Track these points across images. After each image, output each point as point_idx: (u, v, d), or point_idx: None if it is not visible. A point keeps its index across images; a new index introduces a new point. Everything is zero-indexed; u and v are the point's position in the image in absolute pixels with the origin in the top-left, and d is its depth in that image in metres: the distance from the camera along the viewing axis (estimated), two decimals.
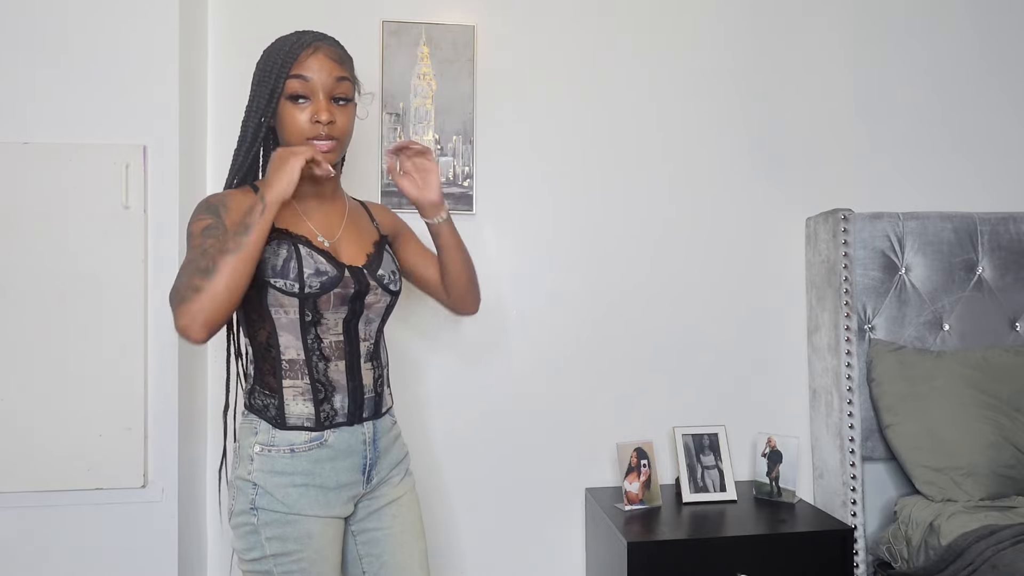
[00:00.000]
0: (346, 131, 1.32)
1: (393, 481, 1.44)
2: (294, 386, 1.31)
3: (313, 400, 1.31)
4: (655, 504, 1.97)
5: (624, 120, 2.19)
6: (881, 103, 2.31)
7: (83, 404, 1.70)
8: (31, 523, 1.70)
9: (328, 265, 1.29)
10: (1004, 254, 2.23)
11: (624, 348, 2.18)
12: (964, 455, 1.95)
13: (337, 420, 1.33)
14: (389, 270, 1.40)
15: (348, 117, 1.32)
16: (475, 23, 2.11)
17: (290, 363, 1.30)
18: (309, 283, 1.26)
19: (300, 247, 1.28)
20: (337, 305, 1.31)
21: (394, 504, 1.42)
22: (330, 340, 1.32)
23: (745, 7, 2.25)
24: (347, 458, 1.34)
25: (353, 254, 1.37)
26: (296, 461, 1.29)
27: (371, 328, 1.38)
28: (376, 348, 1.40)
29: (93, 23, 1.75)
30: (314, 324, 1.30)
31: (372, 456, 1.38)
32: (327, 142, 1.29)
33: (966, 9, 2.35)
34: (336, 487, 1.32)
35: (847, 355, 2.05)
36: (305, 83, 1.27)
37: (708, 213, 2.22)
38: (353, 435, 1.35)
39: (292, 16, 2.05)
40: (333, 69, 1.29)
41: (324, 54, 1.29)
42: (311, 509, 1.29)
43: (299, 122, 1.28)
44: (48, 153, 1.71)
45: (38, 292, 1.69)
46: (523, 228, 2.15)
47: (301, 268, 1.26)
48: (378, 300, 1.37)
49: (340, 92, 1.30)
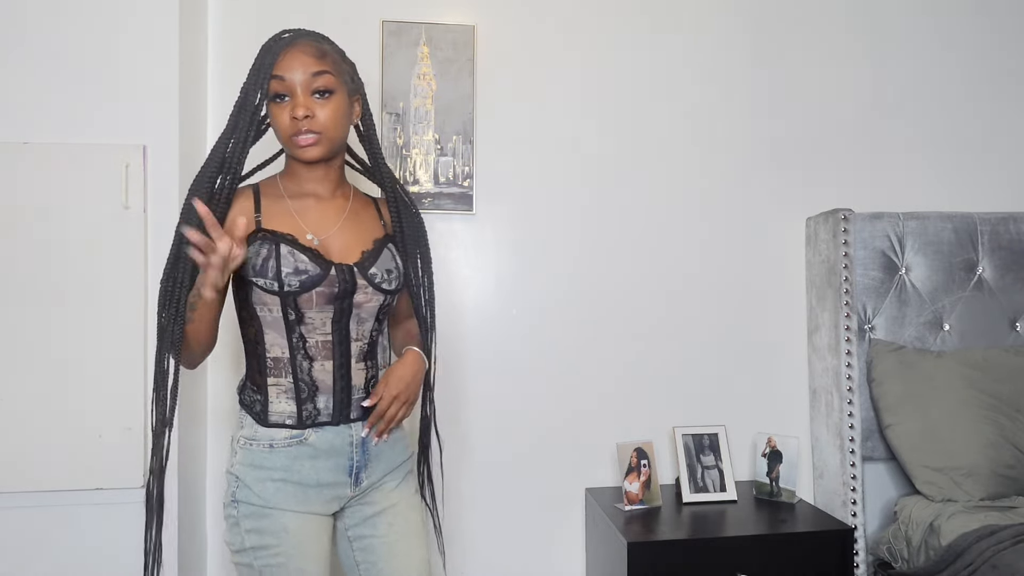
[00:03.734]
0: (329, 123, 1.30)
1: (386, 487, 1.40)
2: (278, 384, 1.31)
3: (296, 399, 1.30)
4: (655, 504, 1.97)
5: (624, 120, 2.19)
6: (881, 103, 2.31)
7: (83, 404, 1.70)
8: (31, 523, 1.70)
9: (310, 263, 1.28)
10: (1004, 254, 2.22)
11: (624, 348, 2.18)
12: (964, 455, 1.95)
13: (320, 420, 1.32)
14: (384, 268, 1.36)
15: (331, 109, 1.30)
16: (475, 23, 2.11)
17: (275, 361, 1.31)
18: (288, 281, 1.26)
19: (281, 246, 1.27)
20: (322, 304, 1.29)
21: (389, 511, 1.39)
22: (316, 339, 1.31)
23: (746, 8, 2.25)
24: (329, 458, 1.32)
25: (346, 251, 1.34)
26: (274, 456, 1.30)
27: (364, 328, 1.35)
28: (372, 348, 1.37)
29: (93, 23, 1.75)
30: (298, 323, 1.30)
31: (360, 459, 1.35)
32: (307, 136, 1.29)
33: (966, 10, 2.35)
34: (316, 485, 1.31)
35: (847, 355, 2.05)
36: (282, 82, 1.28)
37: (708, 213, 2.22)
38: (338, 436, 1.33)
39: (292, 16, 2.06)
40: (310, 65, 1.28)
41: (300, 50, 1.29)
42: (287, 504, 1.29)
43: (281, 121, 1.30)
44: (48, 153, 1.71)
45: (38, 292, 1.69)
46: (523, 228, 2.15)
47: (279, 267, 1.26)
48: (369, 299, 1.34)
49: (318, 86, 1.29)
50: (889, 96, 2.31)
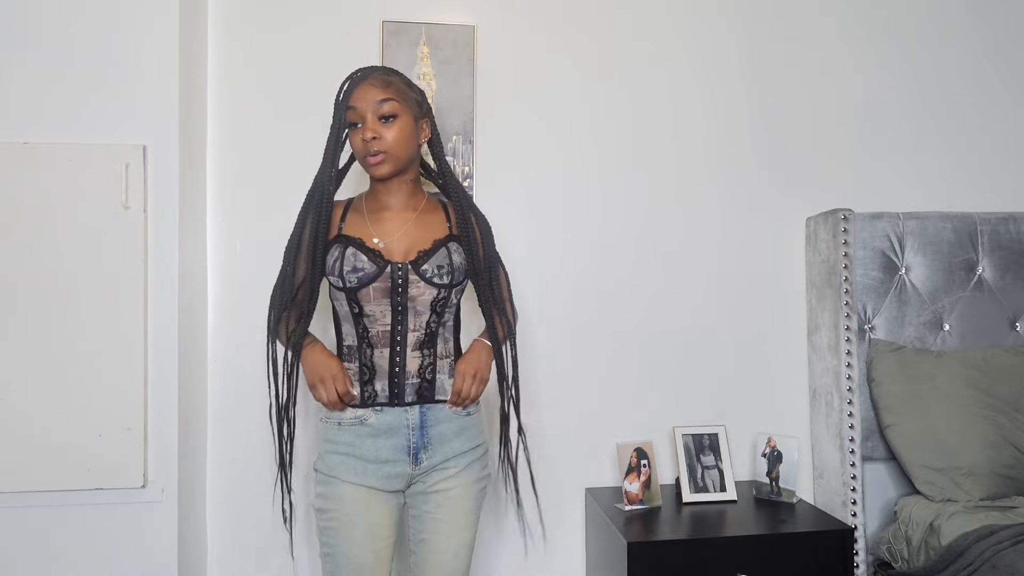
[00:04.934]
0: (394, 143, 1.48)
1: (448, 471, 1.53)
2: (349, 368, 1.52)
3: (360, 381, 1.50)
4: (655, 504, 1.97)
5: (624, 120, 2.19)
6: (881, 103, 2.31)
7: (83, 404, 1.70)
8: (31, 523, 1.70)
9: (368, 263, 1.47)
10: (1004, 254, 2.22)
11: (624, 348, 2.18)
12: (964, 455, 1.95)
13: (379, 400, 1.49)
14: (436, 264, 1.50)
15: (396, 130, 1.49)
16: (475, 23, 2.11)
17: (348, 348, 1.53)
18: (348, 279, 1.47)
19: (348, 248, 1.49)
20: (379, 298, 1.48)
21: (442, 494, 1.53)
22: (377, 330, 1.50)
23: (746, 9, 2.25)
24: (388, 438, 1.49)
25: (408, 252, 1.51)
26: (341, 433, 1.51)
27: (421, 319, 1.50)
28: (431, 338, 1.52)
29: (93, 23, 1.74)
30: (361, 315, 1.49)
31: (418, 440, 1.50)
32: (376, 156, 1.48)
33: (966, 10, 2.35)
34: (375, 461, 1.49)
35: (847, 355, 2.05)
36: (355, 112, 1.49)
37: (708, 213, 2.22)
38: (396, 418, 1.50)
39: (292, 17, 2.06)
40: (376, 95, 1.48)
41: (368, 84, 1.49)
42: (346, 475, 1.48)
43: (355, 144, 1.51)
44: (48, 153, 1.71)
45: (38, 292, 1.69)
46: (522, 228, 2.15)
47: (342, 266, 1.47)
48: (422, 293, 1.49)
49: (384, 112, 1.48)
50: (889, 96, 2.31)
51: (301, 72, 2.04)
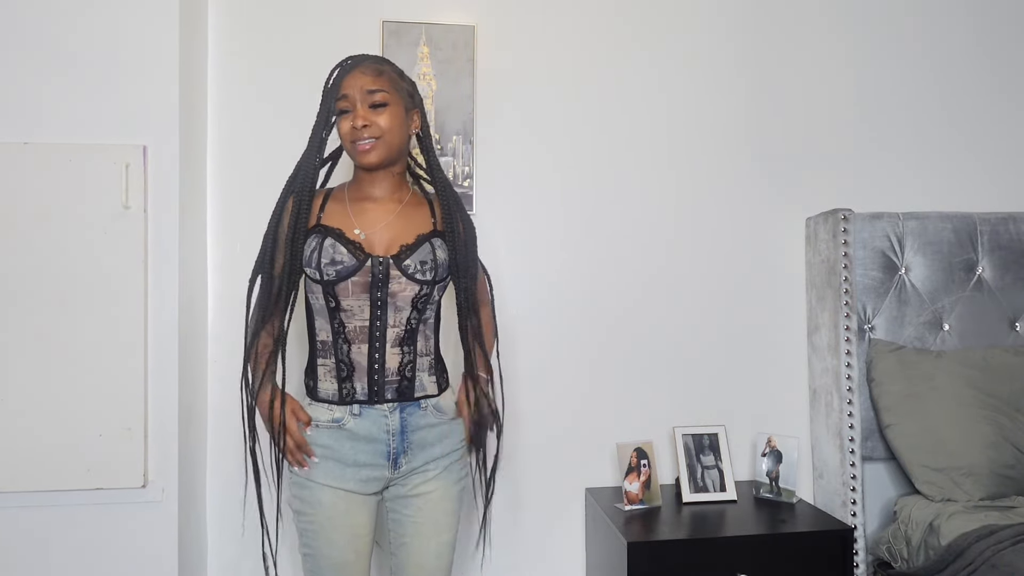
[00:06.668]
0: (386, 129, 1.45)
1: (428, 473, 1.50)
2: (324, 364, 1.47)
3: (337, 378, 1.46)
4: (655, 504, 1.97)
5: (624, 120, 2.19)
6: (881, 103, 2.31)
7: (83, 404, 1.70)
8: (31, 523, 1.70)
9: (348, 255, 1.42)
10: (1004, 254, 2.22)
11: (624, 348, 2.18)
12: (964, 455, 1.95)
13: (357, 398, 1.45)
14: (419, 260, 1.46)
15: (387, 117, 1.45)
16: (475, 23, 2.11)
17: (322, 344, 1.48)
18: (326, 271, 1.41)
19: (327, 239, 1.43)
20: (358, 293, 1.43)
21: (422, 497, 1.50)
22: (355, 325, 1.44)
23: (746, 8, 2.25)
24: (367, 443, 1.45)
25: (390, 245, 1.46)
26: (318, 434, 1.46)
27: (401, 316, 1.46)
28: (410, 335, 1.48)
29: (93, 23, 1.74)
30: (338, 309, 1.44)
31: (398, 445, 1.47)
32: (365, 141, 1.45)
33: (966, 9, 2.35)
34: (353, 464, 1.45)
35: (847, 355, 2.05)
36: (346, 100, 1.46)
37: (708, 213, 2.22)
38: (375, 424, 1.45)
39: (292, 16, 2.06)
40: (367, 83, 1.45)
41: (359, 72, 1.46)
42: (323, 478, 1.44)
43: (344, 130, 1.47)
44: (48, 153, 1.71)
45: (38, 292, 1.69)
46: (523, 228, 2.15)
47: (320, 258, 1.41)
48: (403, 288, 1.45)
49: (375, 100, 1.45)
50: (889, 96, 2.31)
51: (301, 72, 2.04)
